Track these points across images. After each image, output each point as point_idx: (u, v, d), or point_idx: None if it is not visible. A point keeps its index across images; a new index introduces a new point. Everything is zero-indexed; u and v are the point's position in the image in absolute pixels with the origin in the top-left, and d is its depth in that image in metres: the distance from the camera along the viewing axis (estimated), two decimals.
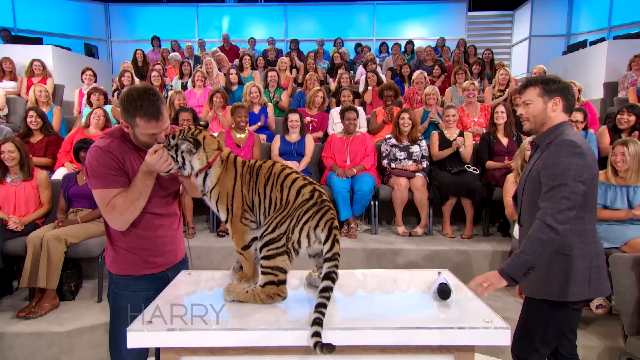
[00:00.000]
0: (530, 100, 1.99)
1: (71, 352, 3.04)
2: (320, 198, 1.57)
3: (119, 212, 1.72)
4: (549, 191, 1.80)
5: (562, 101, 1.95)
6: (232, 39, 10.45)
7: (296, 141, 4.87)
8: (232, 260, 4.06)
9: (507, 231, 4.39)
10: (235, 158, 1.72)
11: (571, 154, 1.79)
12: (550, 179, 1.81)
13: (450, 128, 4.81)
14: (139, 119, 1.69)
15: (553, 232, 1.76)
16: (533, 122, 2.00)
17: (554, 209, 1.76)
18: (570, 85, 2.00)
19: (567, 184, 1.77)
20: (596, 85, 7.36)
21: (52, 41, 8.84)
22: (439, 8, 11.92)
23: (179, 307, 1.49)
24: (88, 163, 1.73)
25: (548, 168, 1.83)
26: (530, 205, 1.97)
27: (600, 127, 4.98)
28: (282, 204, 1.57)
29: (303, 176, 1.65)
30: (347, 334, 1.35)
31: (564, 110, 1.96)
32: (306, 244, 1.55)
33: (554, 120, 1.96)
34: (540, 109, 1.96)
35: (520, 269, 1.80)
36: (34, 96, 5.66)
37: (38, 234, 3.33)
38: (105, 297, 3.52)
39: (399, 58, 8.45)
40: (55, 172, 4.56)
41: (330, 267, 1.47)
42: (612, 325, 3.02)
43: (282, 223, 1.53)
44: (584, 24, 10.68)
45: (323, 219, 1.53)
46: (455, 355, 1.41)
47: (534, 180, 1.93)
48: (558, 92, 1.94)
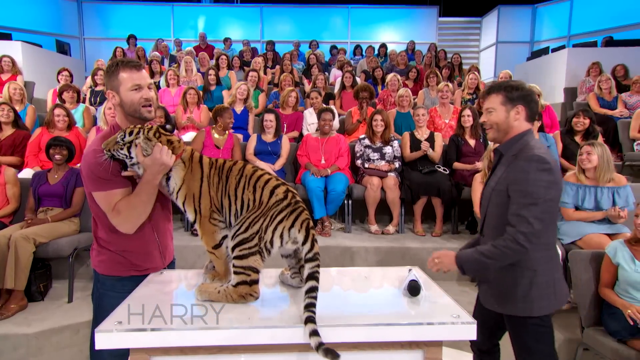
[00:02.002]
0: (492, 108, 1.95)
1: (39, 354, 2.97)
2: (294, 199, 1.56)
3: (125, 216, 1.72)
4: (520, 209, 1.78)
5: (524, 109, 1.91)
6: (208, 39, 10.37)
7: (272, 141, 4.90)
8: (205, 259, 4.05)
9: (475, 229, 4.55)
10: (201, 158, 1.69)
11: (541, 170, 1.78)
12: (521, 195, 1.79)
13: (420, 128, 4.94)
14: (122, 72, 1.76)
15: (523, 250, 1.78)
16: (496, 130, 1.96)
17: (527, 229, 1.76)
18: (534, 92, 1.98)
19: (538, 203, 1.76)
20: (557, 90, 7.70)
21: (22, 37, 8.55)
22: (411, 13, 12.18)
23: (149, 307, 1.46)
24: (87, 167, 1.71)
25: (518, 184, 1.81)
26: (496, 219, 1.94)
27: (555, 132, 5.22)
28: (255, 204, 1.56)
29: (276, 177, 1.64)
30: (320, 331, 1.36)
31: (526, 119, 1.93)
32: (279, 244, 1.53)
33: (517, 129, 1.92)
34: (502, 118, 1.92)
35: (475, 267, 1.87)
36: (7, 93, 5.51)
37: (5, 233, 3.25)
38: (75, 297, 3.48)
39: (373, 61, 8.59)
40: (22, 170, 4.44)
41: (312, 268, 1.47)
42: (570, 317, 3.16)
43: (255, 222, 1.52)
44: (546, 32, 11.19)
45: (299, 220, 1.53)
46: (424, 350, 1.44)
47: (500, 194, 1.89)
48: (520, 99, 1.91)
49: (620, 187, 3.47)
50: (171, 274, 1.91)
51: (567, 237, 3.49)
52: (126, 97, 1.78)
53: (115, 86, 1.78)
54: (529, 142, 1.89)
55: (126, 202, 1.72)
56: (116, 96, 1.79)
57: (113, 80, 1.78)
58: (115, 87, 1.78)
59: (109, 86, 1.80)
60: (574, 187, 3.56)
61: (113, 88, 1.78)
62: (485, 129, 2.04)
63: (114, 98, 1.79)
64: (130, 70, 1.77)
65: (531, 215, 1.76)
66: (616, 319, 2.51)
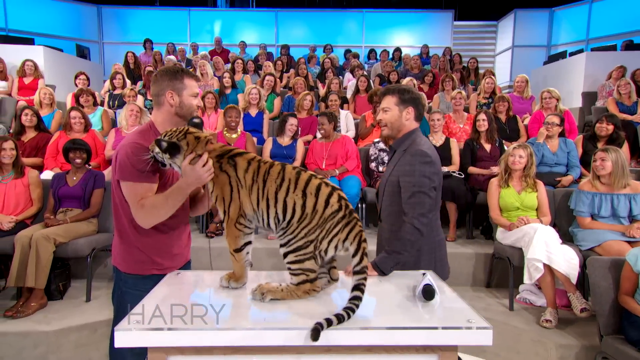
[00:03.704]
0: (388, 108, 2.17)
1: (58, 351, 3.03)
2: (348, 209, 1.58)
3: (145, 213, 1.79)
4: (411, 197, 2.04)
5: (414, 110, 2.16)
6: (223, 43, 10.50)
7: (288, 145, 4.94)
8: (220, 260, 4.10)
9: (490, 234, 4.50)
10: (230, 160, 1.67)
11: (423, 163, 2.05)
12: (410, 185, 2.05)
13: (435, 133, 4.92)
14: (186, 79, 1.92)
15: (419, 233, 2.03)
16: (390, 128, 2.19)
17: (418, 213, 2.02)
18: (421, 96, 2.20)
19: (425, 191, 2.04)
20: (575, 94, 7.59)
21: (44, 42, 8.80)
22: (425, 17, 12.16)
23: (167, 306, 1.48)
24: (126, 157, 1.78)
25: (407, 175, 2.07)
26: (390, 206, 2.19)
27: (578, 136, 5.14)
28: (307, 212, 1.56)
29: (322, 179, 1.62)
30: (333, 334, 1.36)
31: (415, 119, 2.19)
32: (332, 253, 1.59)
33: (408, 127, 2.17)
34: (396, 116, 2.16)
35: (390, 264, 1.97)
36: (38, 98, 5.71)
37: (27, 233, 3.33)
38: (93, 297, 3.54)
39: (388, 65, 8.60)
40: (43, 172, 4.55)
41: (359, 280, 1.48)
42: (589, 325, 3.13)
43: (311, 233, 1.55)
44: (563, 36, 11.04)
45: (352, 232, 1.56)
46: (439, 354, 1.43)
47: (393, 184, 2.14)
48: (411, 102, 2.15)
49: (637, 194, 3.42)
50: (188, 275, 1.93)
51: (585, 243, 3.44)
52: (187, 101, 1.93)
53: (178, 89, 1.91)
54: (415, 139, 2.16)
55: (153, 200, 1.78)
56: (176, 97, 1.91)
57: (177, 84, 1.91)
58: (178, 89, 1.91)
59: (169, 87, 1.90)
60: (589, 195, 3.51)
61: (175, 90, 1.91)
62: (381, 127, 2.25)
63: (172, 99, 1.91)
64: (192, 79, 1.96)
65: (419, 200, 2.03)
66: (637, 327, 2.47)
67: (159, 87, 1.91)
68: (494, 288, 3.98)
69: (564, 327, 3.15)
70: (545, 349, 3.01)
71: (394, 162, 2.19)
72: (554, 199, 4.02)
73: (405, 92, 2.15)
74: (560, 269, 3.11)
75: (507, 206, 3.70)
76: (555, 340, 2.99)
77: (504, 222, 3.65)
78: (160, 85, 1.91)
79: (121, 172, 1.80)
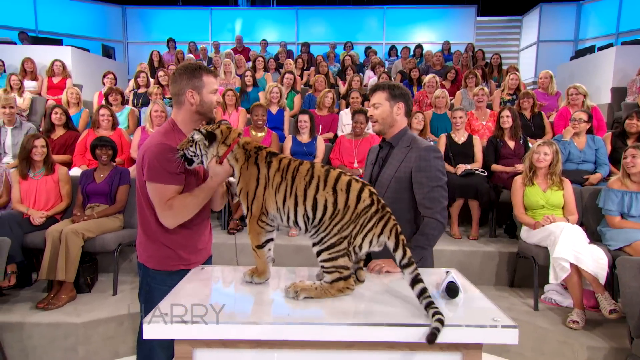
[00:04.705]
0: (379, 103, 2.16)
1: (87, 342, 3.13)
2: (380, 203, 1.59)
3: (174, 213, 1.81)
4: (430, 192, 2.04)
5: (404, 106, 2.16)
6: (244, 41, 10.59)
7: (307, 142, 4.96)
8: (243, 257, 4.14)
9: (514, 233, 4.42)
10: (268, 156, 1.69)
11: (436, 158, 2.08)
12: (428, 180, 2.05)
13: (458, 130, 4.86)
14: (205, 76, 1.91)
15: (442, 226, 2.05)
16: (382, 124, 2.18)
17: (441, 208, 2.04)
18: (409, 92, 2.21)
19: (442, 185, 2.07)
20: (604, 90, 7.36)
21: (71, 42, 9.04)
22: (448, 13, 11.98)
23: (193, 300, 1.51)
24: (155, 159, 1.79)
25: (423, 171, 2.06)
26: (393, 203, 2.07)
27: (606, 133, 4.99)
28: (338, 208, 1.56)
29: (352, 176, 1.63)
30: (358, 330, 1.37)
31: (405, 115, 2.19)
32: (367, 249, 1.59)
33: (399, 122, 2.17)
34: (387, 112, 2.15)
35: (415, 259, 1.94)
36: (66, 97, 5.89)
37: (57, 227, 3.44)
38: (119, 290, 3.63)
39: (410, 62, 8.52)
40: (71, 169, 4.69)
41: (413, 272, 1.48)
42: (618, 327, 3.04)
43: (344, 229, 1.55)
44: (592, 30, 10.70)
45: (387, 226, 1.56)
46: (463, 352, 1.42)
47: (400, 180, 2.11)
48: (401, 97, 2.15)
49: None
50: (213, 270, 1.97)
51: (614, 243, 3.35)
52: (207, 98, 1.92)
53: (198, 87, 1.90)
54: (414, 135, 2.20)
55: (182, 201, 1.81)
56: (196, 96, 1.90)
57: (196, 82, 1.90)
58: (198, 87, 1.90)
59: (189, 86, 1.90)
60: (618, 193, 3.42)
61: (195, 88, 1.90)
62: (371, 123, 2.24)
63: (192, 97, 1.90)
64: (211, 75, 1.94)
65: (439, 195, 2.05)
66: None
67: (178, 87, 1.91)
68: (517, 287, 3.91)
69: (592, 328, 3.07)
70: (572, 351, 2.95)
71: (397, 158, 2.16)
72: (581, 198, 3.92)
73: (396, 87, 2.17)
74: (588, 268, 3.04)
75: (531, 204, 3.63)
76: (582, 341, 2.93)
77: (528, 221, 3.58)
78: (179, 84, 1.91)
79: (150, 173, 1.81)
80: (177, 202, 1.80)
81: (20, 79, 6.49)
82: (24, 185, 3.80)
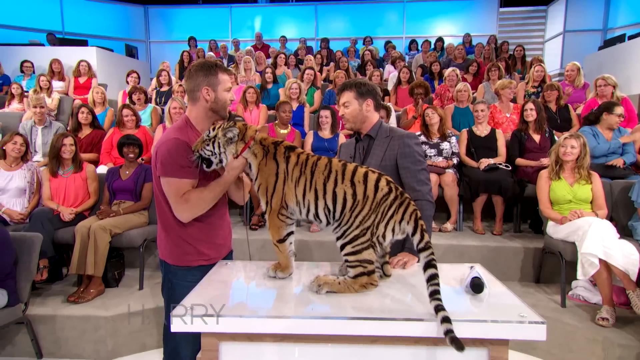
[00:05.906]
0: (348, 102, 2.21)
1: (115, 335, 3.22)
2: (399, 190, 1.60)
3: (190, 206, 1.83)
4: (417, 174, 2.15)
5: (372, 101, 2.22)
6: (264, 38, 10.63)
7: (329, 138, 4.96)
8: (265, 252, 4.18)
9: (539, 228, 4.33)
10: (286, 151, 1.71)
11: (417, 144, 2.21)
12: (414, 163, 2.16)
13: (480, 124, 4.77)
14: (220, 74, 1.93)
15: (433, 205, 2.18)
16: (354, 122, 2.23)
17: (429, 188, 2.17)
18: (376, 86, 2.27)
19: (425, 168, 2.19)
20: (635, 80, 7.09)
21: (96, 43, 9.27)
22: (469, 4, 11.75)
23: (218, 294, 1.54)
24: (168, 153, 1.80)
25: (408, 156, 2.16)
26: None
27: (638, 124, 4.82)
28: (358, 199, 1.58)
29: (368, 168, 1.65)
30: (381, 325, 1.37)
31: (375, 109, 2.25)
32: (390, 237, 1.59)
33: (371, 117, 2.23)
34: (357, 110, 2.20)
35: None
36: (92, 97, 6.04)
37: (85, 224, 3.54)
38: (145, 285, 3.72)
39: (431, 55, 8.40)
40: (98, 167, 4.81)
41: (428, 256, 1.47)
42: None
43: (366, 219, 1.56)
44: (622, 18, 10.29)
45: (407, 212, 1.56)
46: (489, 348, 1.41)
47: (386, 168, 2.17)
48: (368, 94, 2.20)
49: None
50: (236, 265, 2.00)
51: None
52: (221, 96, 1.94)
53: (214, 84, 1.92)
54: (390, 126, 2.32)
55: (198, 194, 1.82)
56: (212, 93, 1.92)
57: (212, 79, 1.91)
58: (213, 84, 1.92)
59: (205, 83, 1.91)
60: None
61: (210, 85, 1.91)
62: (343, 122, 2.29)
63: (208, 94, 1.92)
64: (226, 73, 1.96)
65: (425, 177, 2.17)
66: None
67: (194, 83, 1.92)
68: (543, 284, 3.84)
69: (622, 326, 2.99)
70: (602, 348, 2.87)
71: (380, 148, 2.23)
72: (611, 192, 3.81)
73: (362, 85, 2.22)
74: (618, 264, 2.95)
75: (558, 199, 3.54)
76: (613, 339, 2.85)
77: (555, 216, 3.50)
78: (195, 81, 1.92)
79: (163, 168, 1.82)
80: (194, 196, 1.82)
81: (49, 79, 6.68)
82: (53, 182, 3.92)
